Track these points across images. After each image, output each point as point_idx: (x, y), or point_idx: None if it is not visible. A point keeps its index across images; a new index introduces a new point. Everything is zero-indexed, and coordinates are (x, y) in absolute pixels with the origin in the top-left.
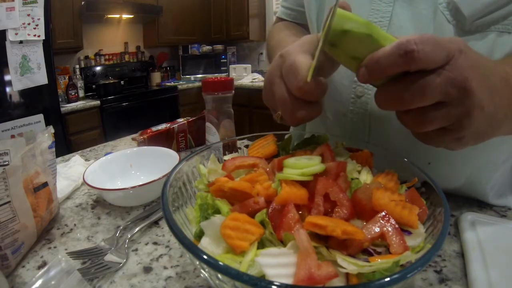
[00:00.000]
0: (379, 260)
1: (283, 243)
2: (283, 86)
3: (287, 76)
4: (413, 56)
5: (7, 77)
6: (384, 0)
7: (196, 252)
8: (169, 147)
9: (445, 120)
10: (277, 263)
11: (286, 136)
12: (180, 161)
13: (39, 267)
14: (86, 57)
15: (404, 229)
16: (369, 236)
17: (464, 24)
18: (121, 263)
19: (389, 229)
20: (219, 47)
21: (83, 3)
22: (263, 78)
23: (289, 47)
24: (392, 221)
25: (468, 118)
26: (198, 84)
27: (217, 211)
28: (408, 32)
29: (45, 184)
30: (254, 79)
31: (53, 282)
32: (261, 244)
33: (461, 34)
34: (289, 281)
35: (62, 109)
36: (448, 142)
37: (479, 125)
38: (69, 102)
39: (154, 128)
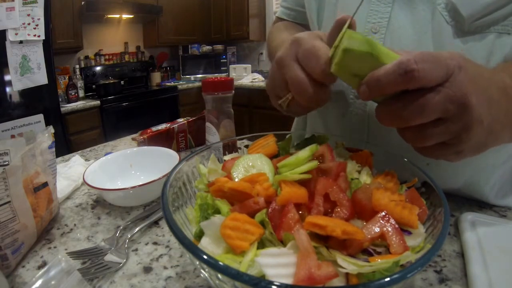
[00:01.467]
0: (379, 260)
1: (283, 243)
2: (299, 69)
3: (307, 59)
4: (414, 76)
5: (7, 77)
6: (383, 1)
7: (196, 252)
8: (169, 147)
9: (444, 136)
10: (277, 263)
11: (286, 136)
12: (180, 161)
13: (39, 267)
14: (86, 57)
15: (404, 229)
16: (369, 236)
17: (463, 25)
18: (121, 263)
19: (389, 229)
20: (219, 47)
21: (83, 3)
22: (263, 78)
23: (300, 34)
24: (392, 221)
25: (467, 133)
26: (198, 84)
27: (217, 211)
28: (407, 33)
29: (45, 184)
30: (254, 79)
31: (53, 282)
32: (261, 244)
33: (460, 35)
34: (289, 281)
35: (62, 109)
36: (447, 155)
37: (478, 139)
38: (69, 102)
39: (154, 128)
